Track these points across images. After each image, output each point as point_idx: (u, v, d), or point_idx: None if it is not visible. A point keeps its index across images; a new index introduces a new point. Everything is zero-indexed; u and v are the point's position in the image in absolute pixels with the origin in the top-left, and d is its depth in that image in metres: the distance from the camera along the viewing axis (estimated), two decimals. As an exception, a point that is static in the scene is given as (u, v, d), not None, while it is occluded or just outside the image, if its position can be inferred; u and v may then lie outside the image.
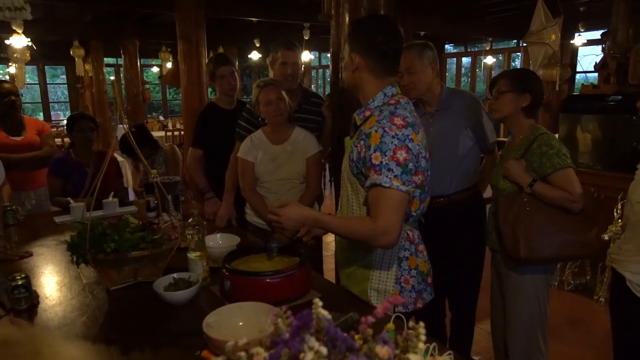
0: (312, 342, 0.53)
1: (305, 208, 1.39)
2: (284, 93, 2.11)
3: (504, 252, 1.79)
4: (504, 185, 1.81)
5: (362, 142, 1.31)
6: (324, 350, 0.53)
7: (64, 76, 12.05)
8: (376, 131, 1.26)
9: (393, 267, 1.39)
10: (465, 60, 11.69)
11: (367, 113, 1.37)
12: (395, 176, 1.23)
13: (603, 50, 3.82)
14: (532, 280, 1.80)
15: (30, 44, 4.82)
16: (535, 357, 1.83)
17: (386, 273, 1.39)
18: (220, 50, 8.70)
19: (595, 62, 3.72)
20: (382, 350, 0.54)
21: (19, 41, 4.72)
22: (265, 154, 2.13)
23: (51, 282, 1.60)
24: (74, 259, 1.46)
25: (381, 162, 1.24)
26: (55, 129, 9.94)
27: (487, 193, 2.30)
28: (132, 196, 3.49)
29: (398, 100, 1.35)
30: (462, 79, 11.58)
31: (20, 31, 4.46)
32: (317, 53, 12.60)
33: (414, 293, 1.42)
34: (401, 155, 1.24)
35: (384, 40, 1.33)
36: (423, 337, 0.59)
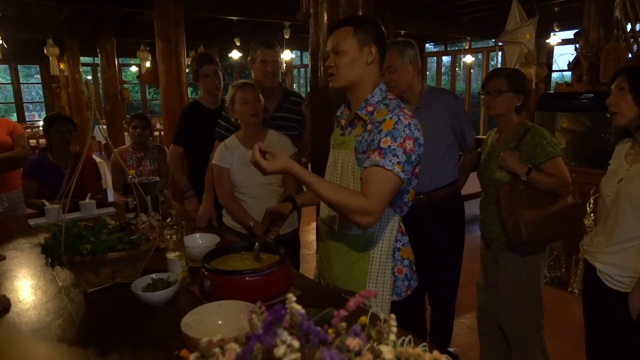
0: (285, 336, 0.53)
1: (291, 162, 1.28)
2: (260, 96, 2.11)
3: (507, 238, 1.89)
4: (500, 176, 1.92)
5: (374, 131, 1.33)
6: (296, 343, 0.53)
7: (39, 76, 11.74)
8: (390, 118, 1.31)
9: (389, 259, 1.42)
10: (446, 59, 11.86)
11: (370, 108, 1.40)
12: (399, 162, 1.27)
13: (576, 49, 3.92)
14: (533, 261, 1.94)
15: (1, 42, 4.68)
16: (537, 333, 1.98)
17: (384, 265, 1.42)
18: (201, 49, 8.61)
19: (569, 61, 3.81)
20: (352, 342, 0.55)
21: (-11, 40, 4.59)
22: (241, 160, 2.09)
23: (25, 285, 1.57)
24: (49, 262, 1.43)
25: (389, 146, 1.28)
26: (29, 130, 9.68)
27: (465, 190, 2.35)
28: (111, 198, 3.43)
29: (392, 97, 1.42)
30: (443, 77, 11.74)
31: (-10, 29, 4.33)
32: (298, 52, 12.56)
33: (406, 281, 1.47)
34: (409, 145, 1.29)
35: (386, 38, 1.41)
36: (394, 329, 0.61)
